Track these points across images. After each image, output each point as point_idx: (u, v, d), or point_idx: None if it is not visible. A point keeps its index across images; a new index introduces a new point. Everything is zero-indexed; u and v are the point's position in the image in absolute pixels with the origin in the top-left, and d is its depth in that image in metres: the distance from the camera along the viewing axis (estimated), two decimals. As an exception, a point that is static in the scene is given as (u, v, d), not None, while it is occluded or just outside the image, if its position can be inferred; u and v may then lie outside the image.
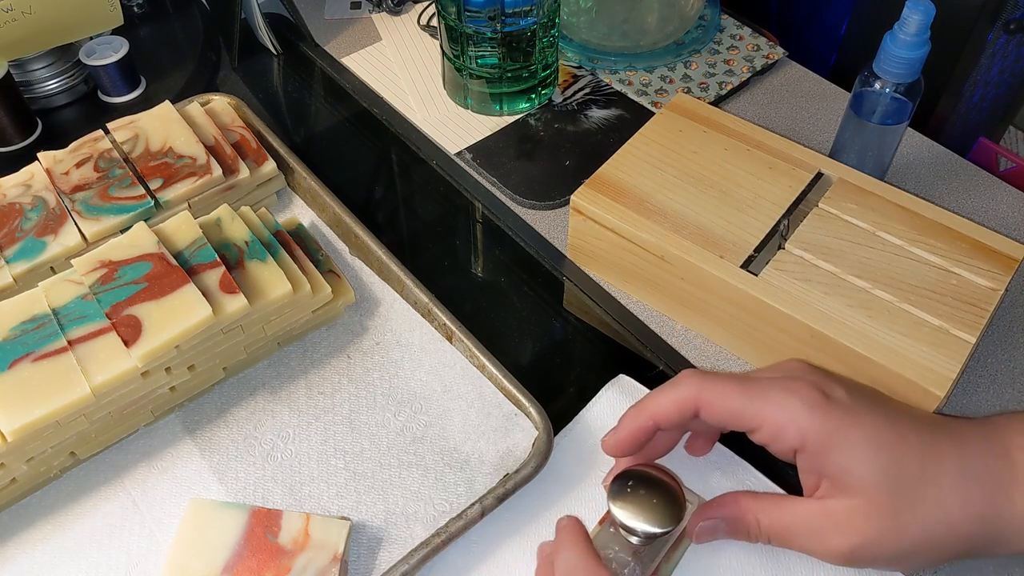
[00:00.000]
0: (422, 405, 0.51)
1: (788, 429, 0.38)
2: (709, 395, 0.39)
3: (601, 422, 0.50)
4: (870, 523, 0.37)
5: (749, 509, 0.40)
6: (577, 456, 0.49)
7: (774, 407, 0.38)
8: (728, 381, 0.40)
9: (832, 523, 0.37)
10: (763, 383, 0.40)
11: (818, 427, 0.37)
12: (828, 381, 0.40)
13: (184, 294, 0.47)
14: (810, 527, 0.38)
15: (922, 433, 0.38)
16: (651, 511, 0.39)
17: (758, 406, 0.39)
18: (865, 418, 0.38)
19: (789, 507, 0.39)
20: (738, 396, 0.39)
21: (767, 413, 0.38)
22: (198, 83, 0.73)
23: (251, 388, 0.52)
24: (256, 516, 0.44)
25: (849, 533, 0.37)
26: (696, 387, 0.40)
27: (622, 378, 0.52)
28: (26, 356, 0.45)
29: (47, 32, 0.67)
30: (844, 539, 0.37)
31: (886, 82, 0.54)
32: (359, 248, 0.58)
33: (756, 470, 0.47)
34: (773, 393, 0.39)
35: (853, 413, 0.38)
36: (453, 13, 0.63)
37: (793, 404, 0.38)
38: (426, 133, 0.69)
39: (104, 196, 0.55)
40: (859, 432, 0.37)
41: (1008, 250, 0.51)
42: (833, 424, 0.37)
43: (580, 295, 0.58)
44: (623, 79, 0.72)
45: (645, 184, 0.55)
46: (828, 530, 0.38)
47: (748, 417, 0.39)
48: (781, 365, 0.42)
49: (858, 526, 0.37)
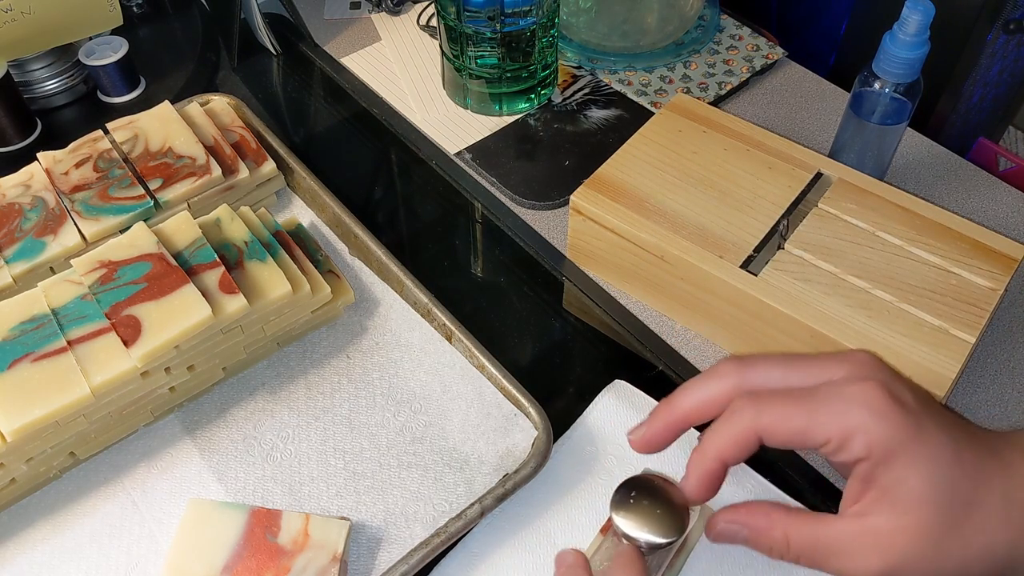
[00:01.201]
0: (421, 405, 0.51)
1: (855, 441, 0.35)
2: (767, 422, 0.36)
3: (599, 429, 0.50)
4: (914, 543, 0.35)
5: (779, 523, 0.37)
6: (576, 464, 0.48)
7: (839, 417, 0.35)
8: (787, 401, 0.36)
9: (873, 541, 0.35)
10: (825, 394, 0.36)
11: (886, 437, 0.35)
12: (896, 381, 0.37)
13: (184, 294, 0.47)
14: (847, 545, 0.36)
15: (976, 452, 0.36)
16: (654, 521, 0.39)
17: (823, 422, 0.35)
18: (931, 431, 0.35)
19: (825, 525, 0.37)
20: (801, 416, 0.36)
21: (833, 427, 0.35)
22: (198, 83, 0.73)
23: (251, 388, 0.52)
24: (256, 516, 0.44)
25: (889, 552, 0.35)
26: (752, 417, 0.36)
27: (618, 383, 0.52)
28: (26, 356, 0.45)
29: (47, 32, 0.67)
30: (882, 558, 0.35)
31: (886, 82, 0.54)
32: (359, 248, 0.58)
33: (759, 475, 0.47)
34: (837, 403, 0.36)
35: (920, 424, 0.35)
36: (452, 13, 0.63)
37: (860, 412, 0.35)
38: (426, 133, 0.69)
39: (104, 196, 0.55)
40: (924, 448, 0.35)
41: (1008, 250, 0.51)
42: (901, 435, 0.35)
43: (580, 295, 0.58)
44: (623, 79, 0.72)
45: (645, 184, 0.55)
46: (867, 548, 0.35)
47: (813, 436, 0.36)
48: (849, 355, 0.38)
49: (901, 545, 0.35)
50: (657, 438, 0.40)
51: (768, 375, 0.38)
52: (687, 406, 0.39)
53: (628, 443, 0.40)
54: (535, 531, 0.46)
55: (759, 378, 0.38)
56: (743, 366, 0.38)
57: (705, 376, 0.39)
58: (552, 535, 0.46)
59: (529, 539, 0.46)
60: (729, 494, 0.46)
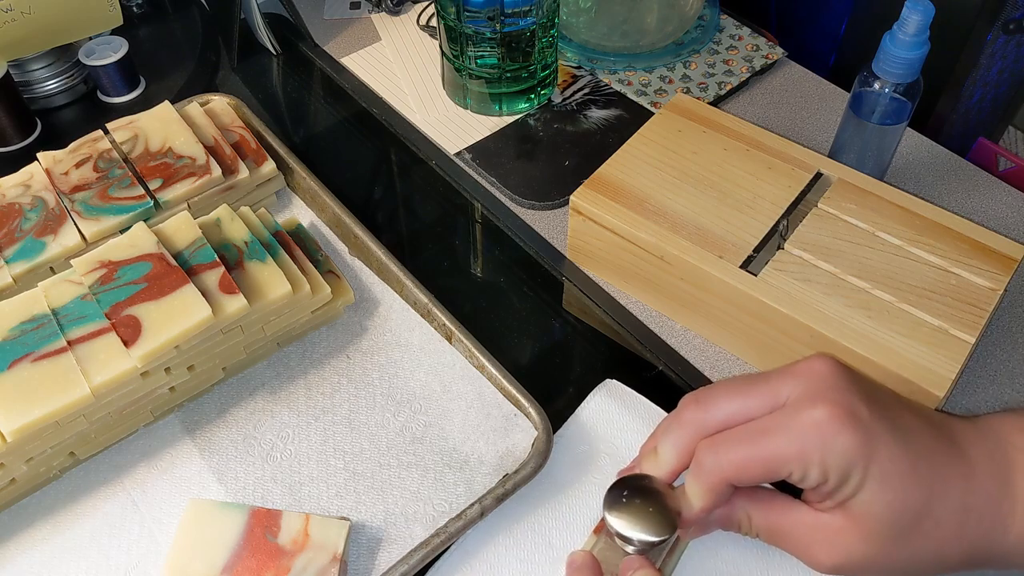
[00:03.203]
0: (421, 405, 0.51)
1: (810, 471, 0.36)
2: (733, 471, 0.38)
3: (592, 428, 0.50)
4: (860, 546, 0.37)
5: (741, 506, 0.40)
6: (569, 463, 0.48)
7: (795, 451, 0.36)
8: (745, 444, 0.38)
9: (823, 536, 0.38)
10: (777, 428, 0.37)
11: (838, 461, 0.36)
12: (851, 394, 0.37)
13: (184, 294, 0.47)
14: (800, 535, 0.39)
15: (934, 463, 0.37)
16: (647, 520, 0.39)
17: (782, 460, 0.37)
18: (886, 445, 0.37)
19: (781, 510, 0.39)
20: (760, 461, 0.37)
21: (792, 463, 0.37)
22: (197, 83, 0.73)
23: (251, 388, 0.52)
24: (255, 516, 0.44)
25: (837, 550, 0.37)
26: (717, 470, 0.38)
27: (609, 382, 0.52)
28: (26, 356, 0.45)
29: (46, 32, 0.67)
30: (831, 553, 0.38)
31: (885, 82, 0.54)
32: (358, 248, 0.58)
33: None
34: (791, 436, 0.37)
35: (873, 440, 0.36)
36: (452, 13, 0.63)
37: (813, 443, 0.36)
38: (425, 133, 0.69)
39: (104, 196, 0.55)
40: (876, 467, 0.36)
41: (1007, 250, 0.51)
42: (853, 455, 0.36)
43: (579, 295, 0.58)
44: (622, 79, 0.72)
45: (644, 184, 0.55)
46: (818, 542, 0.38)
47: (776, 473, 0.37)
48: (802, 369, 0.39)
49: (848, 545, 0.37)
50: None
51: (726, 407, 0.39)
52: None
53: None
54: (528, 530, 0.46)
55: (719, 415, 0.39)
56: (701, 404, 0.40)
57: (671, 422, 0.41)
58: (546, 534, 0.46)
59: (523, 538, 0.46)
60: None
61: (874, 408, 0.37)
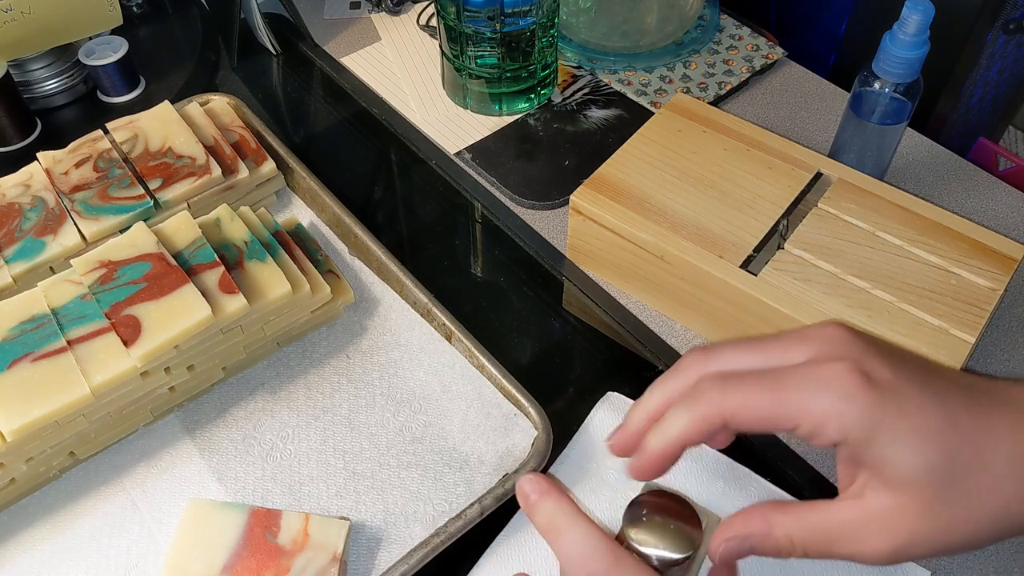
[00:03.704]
0: (421, 405, 0.51)
1: (828, 425, 0.33)
2: (733, 405, 0.35)
3: (598, 444, 0.49)
4: (918, 521, 0.33)
5: (778, 523, 0.35)
6: (578, 480, 0.48)
7: (809, 402, 0.34)
8: (752, 384, 0.35)
9: (874, 524, 0.34)
10: (792, 376, 0.35)
11: (860, 418, 0.33)
12: (870, 356, 0.35)
13: (183, 294, 0.47)
14: (851, 531, 0.34)
15: (975, 414, 0.34)
16: (668, 537, 0.38)
17: (791, 407, 0.34)
18: (912, 404, 0.34)
19: (823, 514, 0.35)
20: (767, 401, 0.34)
21: (802, 412, 0.34)
22: (197, 83, 0.73)
23: (250, 388, 0.52)
24: (255, 516, 0.44)
25: (894, 532, 0.33)
26: (718, 400, 0.35)
27: (611, 395, 0.51)
28: (25, 356, 0.45)
29: (46, 32, 0.67)
30: (888, 539, 0.34)
31: (885, 82, 0.54)
32: (358, 248, 0.58)
33: (762, 478, 0.47)
34: (806, 387, 0.34)
35: (899, 398, 0.33)
36: (452, 13, 0.63)
37: (830, 397, 0.33)
38: (425, 133, 0.69)
39: (103, 196, 0.55)
40: (906, 422, 0.33)
41: (1007, 250, 0.51)
42: (877, 414, 0.33)
43: (579, 295, 0.58)
44: (622, 79, 0.72)
45: (644, 184, 0.55)
46: (873, 532, 0.34)
47: (782, 420, 0.34)
48: (816, 333, 0.36)
49: (905, 524, 0.33)
50: (634, 440, 0.38)
51: (734, 361, 0.36)
52: (659, 404, 0.37)
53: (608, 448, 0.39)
54: (541, 553, 0.45)
55: (724, 363, 0.36)
56: (708, 355, 0.37)
57: (672, 371, 0.38)
58: None
59: (535, 562, 0.45)
60: (733, 499, 0.46)
61: (898, 369, 0.34)
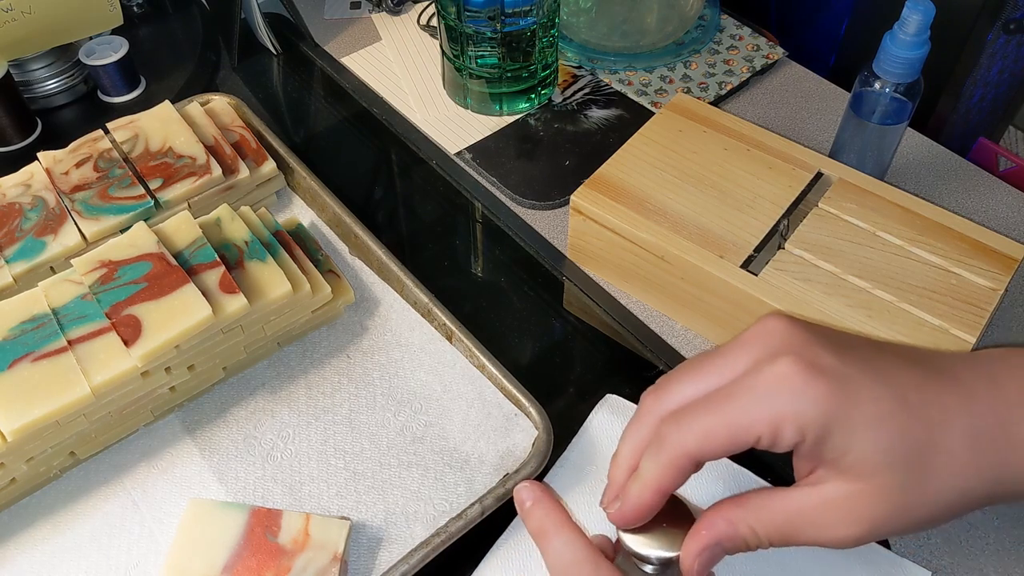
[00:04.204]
0: (422, 405, 0.51)
1: (784, 428, 0.33)
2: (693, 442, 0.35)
3: (597, 448, 0.49)
4: (877, 507, 0.33)
5: (739, 520, 0.36)
6: (576, 485, 0.47)
7: (761, 412, 0.34)
8: (702, 414, 0.35)
9: (836, 511, 0.34)
10: (739, 390, 0.35)
11: (815, 413, 0.33)
12: (812, 345, 0.34)
13: (184, 294, 0.47)
14: (812, 520, 0.35)
15: (925, 392, 0.34)
16: (663, 536, 0.38)
17: (745, 422, 0.34)
18: (862, 389, 0.33)
19: (783, 504, 0.35)
20: (722, 425, 0.34)
21: (757, 424, 0.34)
22: (198, 83, 0.73)
23: (251, 388, 0.52)
24: (256, 516, 0.44)
25: (856, 518, 0.34)
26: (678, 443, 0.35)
27: (610, 398, 0.51)
28: (26, 356, 0.45)
29: (47, 32, 0.67)
30: (852, 525, 0.34)
31: (886, 82, 0.54)
32: (359, 248, 0.58)
33: (760, 478, 0.47)
34: (753, 397, 0.34)
35: (847, 385, 0.33)
36: (453, 13, 0.63)
37: (781, 399, 0.33)
38: (426, 133, 0.69)
39: (104, 196, 0.55)
40: (858, 410, 0.33)
41: (1008, 250, 0.51)
42: (829, 405, 0.33)
43: (580, 295, 0.58)
44: (623, 79, 0.72)
45: (645, 184, 0.55)
46: (833, 520, 0.34)
47: (743, 438, 0.34)
48: (754, 333, 0.36)
49: (864, 512, 0.34)
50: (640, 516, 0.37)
51: (683, 391, 0.36)
52: (632, 456, 0.37)
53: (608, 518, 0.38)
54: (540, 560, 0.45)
55: (677, 398, 0.36)
56: (659, 394, 0.37)
57: (633, 421, 0.38)
58: None
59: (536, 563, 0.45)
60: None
61: (843, 354, 0.34)
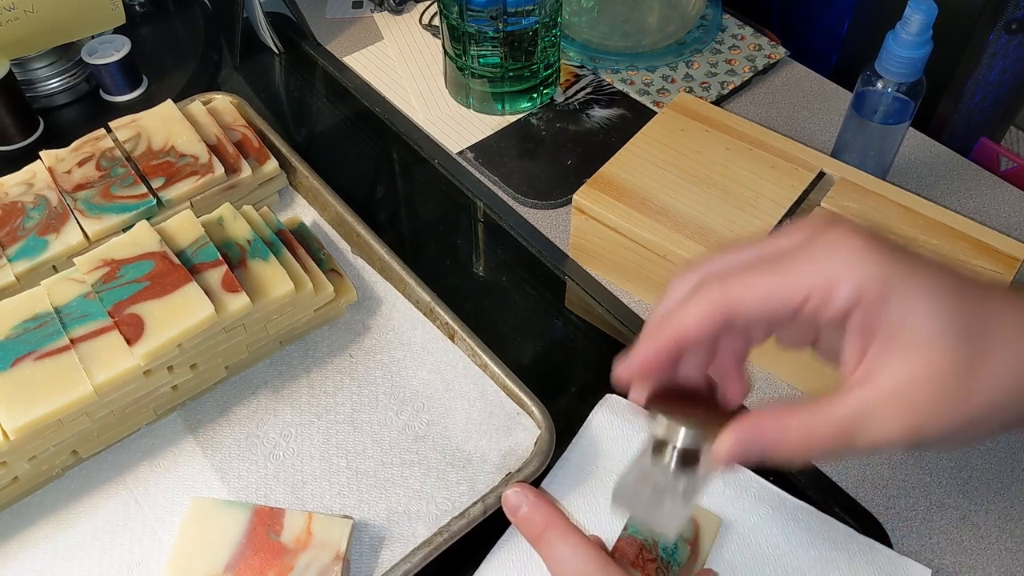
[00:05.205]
0: (424, 404, 0.51)
1: (840, 285, 0.31)
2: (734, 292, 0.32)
3: (597, 447, 0.49)
4: (935, 391, 0.30)
5: (793, 427, 0.32)
6: (576, 485, 0.47)
7: (816, 267, 0.31)
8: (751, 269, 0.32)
9: (891, 402, 0.31)
10: (795, 252, 0.32)
11: (875, 273, 0.31)
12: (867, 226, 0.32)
13: (186, 293, 0.47)
14: (866, 418, 0.31)
15: (978, 285, 0.32)
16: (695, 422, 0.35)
17: (796, 275, 0.31)
18: (919, 265, 0.31)
19: (838, 407, 0.32)
20: (771, 278, 0.32)
21: (810, 277, 0.31)
22: (200, 82, 0.73)
23: (253, 387, 0.52)
24: (258, 515, 0.44)
25: (912, 409, 0.31)
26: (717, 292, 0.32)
27: (610, 397, 0.51)
28: (28, 355, 0.45)
29: (49, 31, 0.67)
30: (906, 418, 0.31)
31: (888, 82, 0.54)
32: (361, 247, 0.58)
33: (764, 480, 0.47)
34: (810, 256, 0.31)
35: (907, 257, 0.31)
36: (455, 12, 0.63)
37: (840, 258, 0.31)
38: (428, 132, 0.69)
39: (106, 195, 0.55)
40: (920, 279, 0.31)
41: (1010, 249, 0.51)
42: (892, 268, 0.31)
43: (582, 294, 0.58)
44: (625, 79, 0.72)
45: (647, 183, 0.55)
46: (887, 413, 0.31)
47: (789, 295, 0.31)
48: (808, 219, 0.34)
49: (922, 398, 0.30)
50: (644, 370, 0.35)
51: (727, 260, 0.34)
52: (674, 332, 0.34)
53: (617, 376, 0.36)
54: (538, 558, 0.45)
55: (740, 277, 0.33)
56: (704, 260, 0.35)
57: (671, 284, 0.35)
58: None
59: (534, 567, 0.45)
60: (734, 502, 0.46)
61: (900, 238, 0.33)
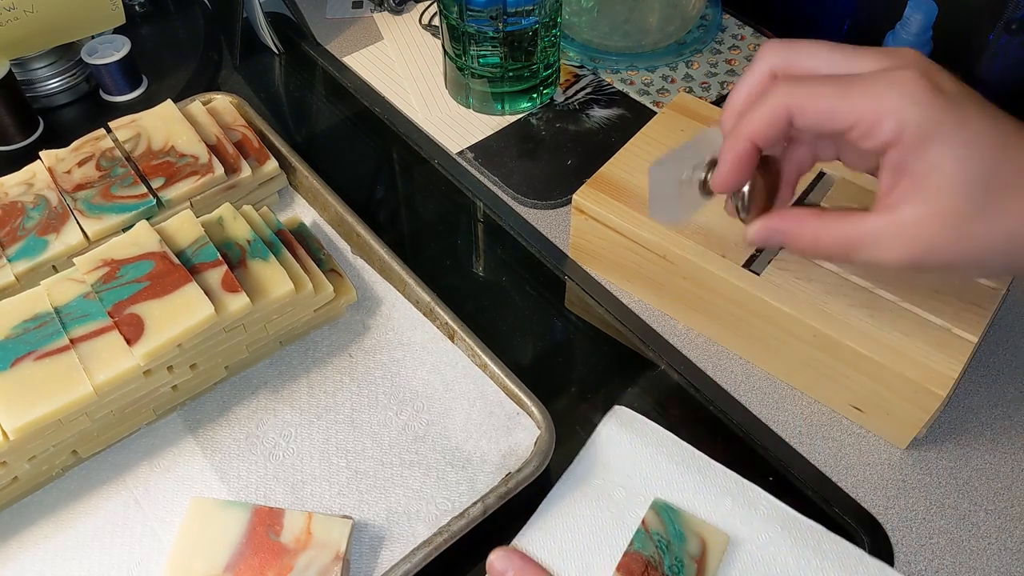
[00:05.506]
0: (424, 404, 0.51)
1: (885, 121, 0.35)
2: (800, 98, 0.37)
3: (604, 460, 0.48)
4: (940, 230, 0.35)
5: (808, 225, 0.39)
6: (583, 498, 0.47)
7: (872, 99, 0.35)
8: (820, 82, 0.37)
9: (900, 232, 0.36)
10: (862, 79, 0.36)
11: (920, 120, 0.35)
12: (939, 71, 0.36)
13: (186, 293, 0.47)
14: (874, 238, 0.37)
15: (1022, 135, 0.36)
16: None
17: (854, 101, 0.36)
18: (972, 116, 0.35)
19: (853, 223, 0.37)
20: (833, 94, 0.36)
21: (864, 107, 0.35)
22: (200, 82, 0.73)
23: (253, 387, 0.52)
24: (258, 515, 0.44)
25: (916, 241, 0.36)
26: (785, 93, 0.37)
27: (618, 409, 0.50)
28: (28, 355, 0.45)
29: (49, 31, 0.67)
30: (908, 247, 0.36)
31: (888, 82, 0.54)
32: (361, 247, 0.58)
33: (772, 496, 0.46)
34: (872, 87, 0.36)
35: (960, 109, 0.35)
36: (455, 12, 0.63)
37: (895, 95, 0.35)
38: (428, 132, 0.69)
39: (106, 195, 0.55)
40: (962, 131, 0.35)
41: (1010, 250, 0.51)
42: (937, 118, 0.35)
43: (582, 294, 0.58)
44: (625, 79, 0.72)
45: (647, 183, 0.55)
46: (893, 239, 0.36)
47: (842, 116, 0.36)
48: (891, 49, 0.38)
49: (927, 233, 0.35)
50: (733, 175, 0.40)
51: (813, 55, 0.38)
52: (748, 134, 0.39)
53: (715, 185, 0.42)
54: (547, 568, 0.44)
55: (803, 56, 0.38)
56: (786, 51, 0.39)
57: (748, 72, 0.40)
58: (567, 572, 0.44)
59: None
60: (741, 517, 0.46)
61: (963, 85, 0.36)
